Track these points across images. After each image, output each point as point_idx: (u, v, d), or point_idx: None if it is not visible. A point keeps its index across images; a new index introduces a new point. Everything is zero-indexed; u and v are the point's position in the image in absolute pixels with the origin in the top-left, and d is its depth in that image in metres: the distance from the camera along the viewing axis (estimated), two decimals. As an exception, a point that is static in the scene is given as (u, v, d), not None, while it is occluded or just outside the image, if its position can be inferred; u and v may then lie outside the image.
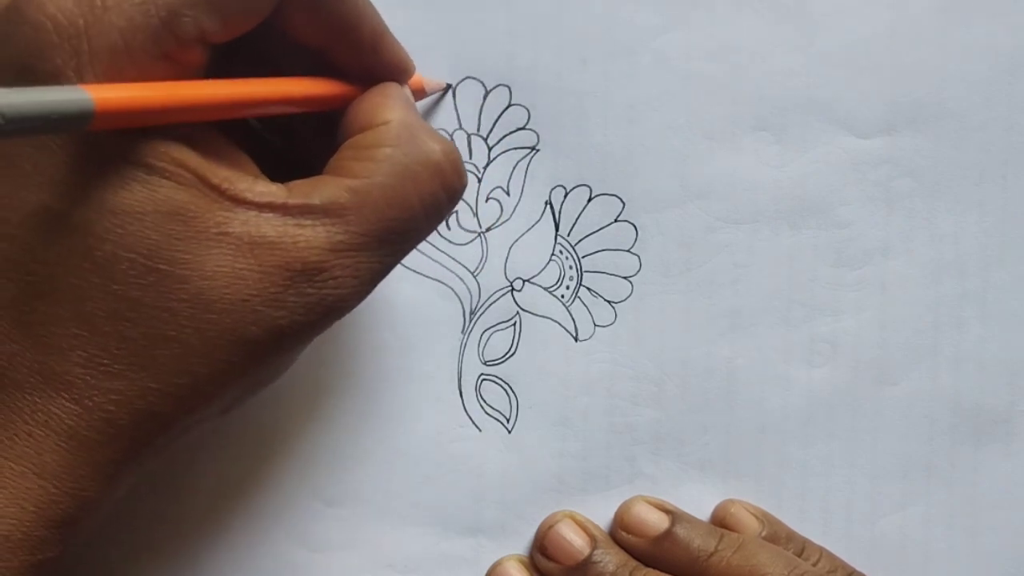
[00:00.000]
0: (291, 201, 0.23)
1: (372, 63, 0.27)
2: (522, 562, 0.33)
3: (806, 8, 0.33)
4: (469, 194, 0.33)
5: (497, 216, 0.34)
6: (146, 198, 0.22)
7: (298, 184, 0.24)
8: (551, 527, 0.33)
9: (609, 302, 0.34)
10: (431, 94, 0.32)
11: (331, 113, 0.27)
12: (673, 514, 0.33)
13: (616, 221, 0.34)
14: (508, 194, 0.33)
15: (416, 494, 0.33)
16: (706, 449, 0.34)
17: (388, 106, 0.26)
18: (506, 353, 0.34)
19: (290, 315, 0.23)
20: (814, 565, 0.33)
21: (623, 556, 0.33)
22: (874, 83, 0.34)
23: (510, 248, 0.34)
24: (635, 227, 0.34)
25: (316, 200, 0.23)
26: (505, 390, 0.34)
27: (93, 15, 0.21)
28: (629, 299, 0.34)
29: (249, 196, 0.23)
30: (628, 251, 0.34)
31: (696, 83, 0.33)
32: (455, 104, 0.33)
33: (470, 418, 0.34)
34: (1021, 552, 0.35)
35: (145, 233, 0.22)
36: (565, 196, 0.34)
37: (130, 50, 0.21)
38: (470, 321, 0.34)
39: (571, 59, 0.33)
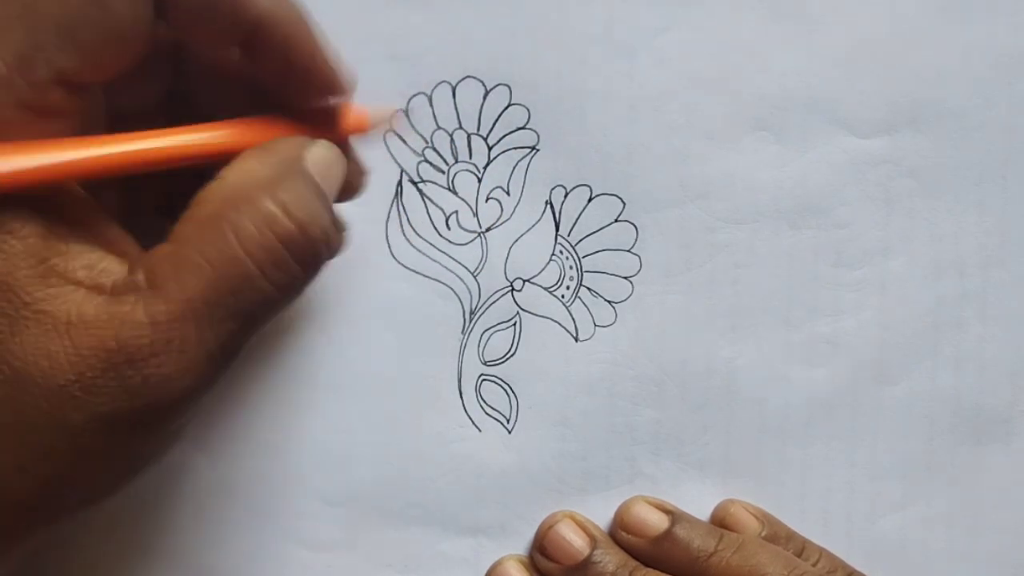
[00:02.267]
0: (119, 278, 0.21)
1: (285, 79, 0.24)
2: (522, 562, 0.33)
3: (806, 8, 0.33)
4: (469, 194, 0.33)
5: (497, 216, 0.34)
6: None
7: (136, 258, 0.22)
8: (551, 527, 0.33)
9: (609, 302, 0.34)
10: (383, 123, 0.28)
11: None
12: (673, 514, 0.33)
13: (616, 221, 0.34)
14: (508, 194, 0.33)
15: (416, 494, 0.33)
16: (706, 449, 0.34)
17: (242, 159, 0.23)
18: (506, 353, 0.34)
19: (111, 401, 0.21)
20: (814, 565, 0.33)
21: (623, 556, 0.33)
22: (874, 83, 0.34)
23: (510, 248, 0.34)
24: (635, 227, 0.34)
25: (140, 276, 0.21)
26: (505, 390, 0.34)
27: None
28: (629, 299, 0.34)
29: (81, 274, 0.21)
30: (628, 251, 0.34)
31: (696, 83, 0.33)
32: (455, 103, 0.33)
33: (470, 418, 0.34)
34: (1021, 552, 0.35)
35: None
36: (565, 196, 0.34)
37: None
38: (470, 321, 0.34)
39: (571, 59, 0.33)
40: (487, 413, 0.34)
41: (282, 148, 0.24)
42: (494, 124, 0.33)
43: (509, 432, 0.34)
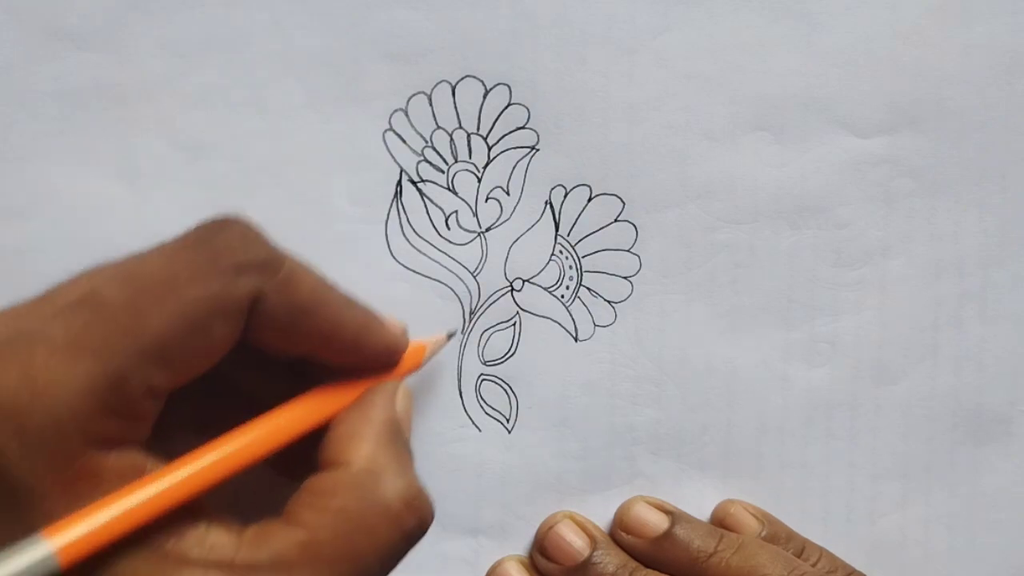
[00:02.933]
0: (238, 559, 0.22)
1: (356, 359, 0.26)
2: (522, 562, 0.33)
3: (806, 8, 0.33)
4: (469, 194, 0.33)
5: (497, 216, 0.34)
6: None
7: (250, 532, 0.23)
8: (551, 528, 0.33)
9: (609, 302, 0.34)
10: (435, 353, 0.31)
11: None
12: (673, 514, 0.33)
13: (616, 221, 0.34)
14: (508, 194, 0.33)
15: (416, 494, 0.33)
16: (706, 449, 0.34)
17: (355, 443, 0.25)
18: (506, 353, 0.34)
19: None
20: (814, 565, 0.33)
21: (623, 557, 0.33)
22: (874, 83, 0.34)
23: (510, 248, 0.34)
24: (635, 227, 0.34)
25: (264, 556, 0.22)
26: (505, 390, 0.34)
27: (35, 388, 0.21)
28: (629, 299, 0.34)
29: (196, 554, 0.22)
30: (628, 251, 0.34)
31: (696, 83, 0.33)
32: (455, 103, 0.33)
33: (470, 418, 0.34)
34: (1021, 552, 0.35)
35: None
36: (565, 196, 0.34)
37: (75, 418, 0.21)
38: (470, 321, 0.34)
39: (571, 59, 0.33)
40: (487, 413, 0.34)
41: (378, 416, 0.26)
42: (494, 124, 0.33)
43: (509, 432, 0.34)
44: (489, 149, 0.33)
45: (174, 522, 0.22)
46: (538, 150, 0.33)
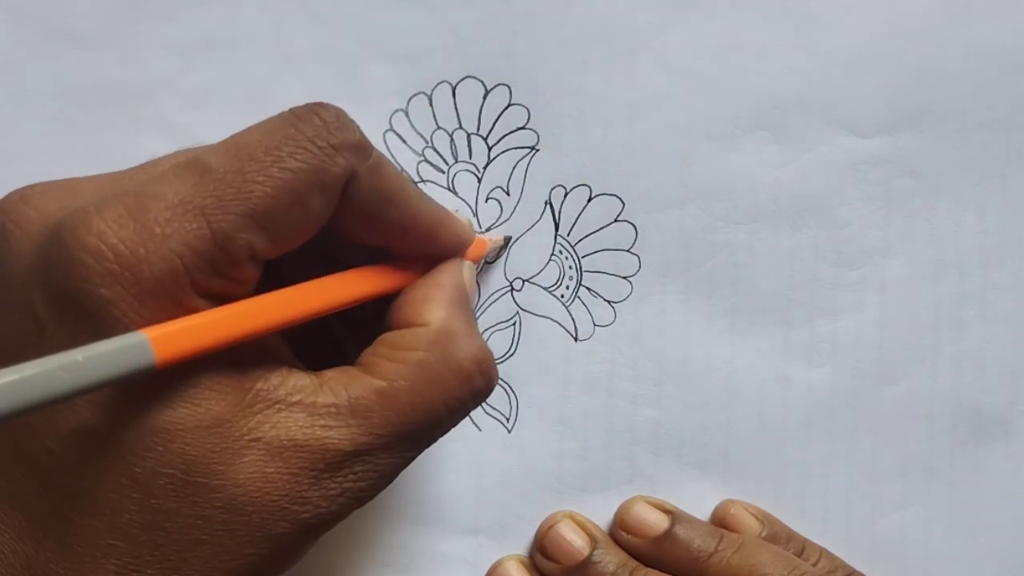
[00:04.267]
0: (320, 400, 0.24)
1: (430, 249, 0.28)
2: (522, 562, 0.33)
3: (807, 7, 0.33)
4: (469, 194, 0.33)
5: (497, 216, 0.34)
6: (187, 415, 0.22)
7: (329, 376, 0.24)
8: (551, 527, 0.33)
9: (609, 302, 0.34)
10: (492, 251, 0.33)
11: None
12: (673, 514, 0.33)
13: (616, 221, 0.34)
14: (508, 194, 0.33)
15: (416, 494, 0.33)
16: (706, 449, 0.34)
17: (431, 305, 0.26)
18: (506, 353, 0.34)
19: (315, 509, 0.24)
20: (814, 565, 0.33)
21: (623, 556, 0.33)
22: (874, 83, 0.34)
23: (510, 248, 0.34)
24: (635, 227, 0.34)
25: (343, 399, 0.24)
26: (505, 390, 0.34)
27: (152, 242, 0.21)
28: (629, 299, 0.34)
29: (281, 393, 0.23)
30: (628, 251, 0.34)
31: (696, 83, 0.33)
32: (455, 103, 0.33)
33: (470, 418, 0.34)
34: (1021, 552, 0.35)
35: (184, 449, 0.22)
36: (565, 196, 0.34)
37: (188, 272, 0.22)
38: (470, 321, 0.33)
39: (571, 59, 0.33)
40: (487, 413, 0.34)
41: (449, 283, 0.27)
42: (494, 124, 0.33)
43: (509, 432, 0.34)
44: (489, 149, 0.33)
45: (259, 365, 0.24)
46: (538, 150, 0.33)
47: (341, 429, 0.24)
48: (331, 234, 0.25)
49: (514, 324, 0.34)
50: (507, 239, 0.33)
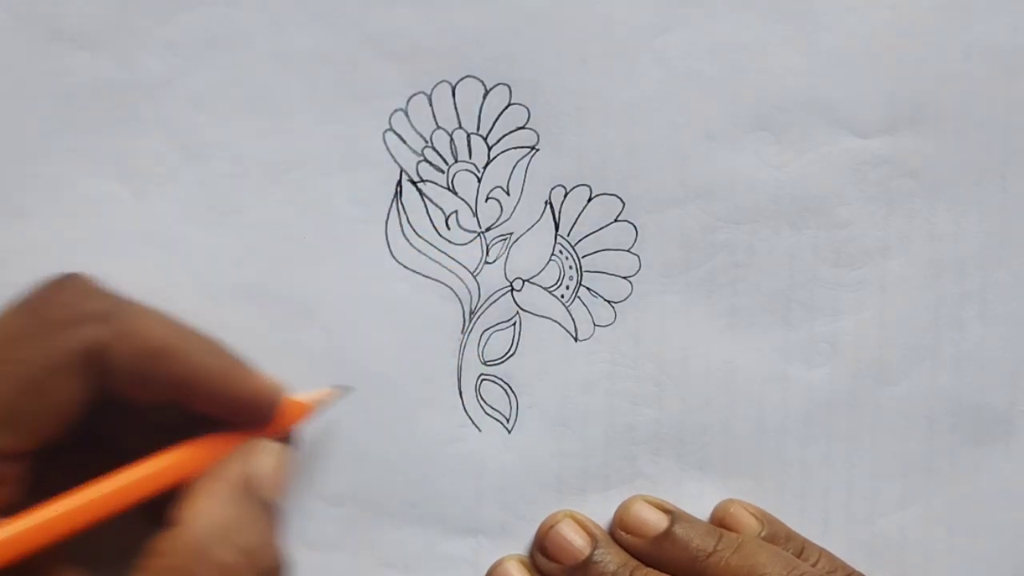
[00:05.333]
0: None
1: (223, 410, 0.26)
2: (522, 562, 0.33)
3: (806, 7, 0.33)
4: (469, 194, 0.33)
5: (497, 216, 0.34)
6: None
7: None
8: (551, 527, 0.33)
9: (609, 302, 0.34)
10: (321, 407, 0.31)
11: None
12: (672, 514, 0.33)
13: (616, 221, 0.34)
14: (508, 194, 0.33)
15: (416, 494, 0.33)
16: (706, 449, 0.34)
17: (193, 500, 0.24)
18: (506, 353, 0.34)
19: None
20: (813, 565, 0.33)
21: (624, 556, 0.33)
22: (874, 83, 0.34)
23: (510, 248, 0.34)
24: (635, 227, 0.34)
25: None
26: (505, 390, 0.34)
27: None
28: (629, 299, 0.34)
29: None
30: (628, 251, 0.34)
31: (696, 83, 0.33)
32: (455, 103, 0.33)
33: (470, 418, 0.34)
34: (1021, 552, 0.35)
35: None
36: (565, 196, 0.34)
37: None
38: (470, 321, 0.34)
39: (571, 59, 0.33)
40: (487, 413, 0.34)
41: (231, 474, 0.25)
42: (494, 124, 0.33)
43: (509, 432, 0.34)
44: (489, 149, 0.33)
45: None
46: (538, 150, 0.33)
47: None
48: (137, 400, 0.24)
49: (514, 324, 0.34)
50: (343, 389, 0.31)
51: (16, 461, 0.22)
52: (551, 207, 0.34)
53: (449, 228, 0.33)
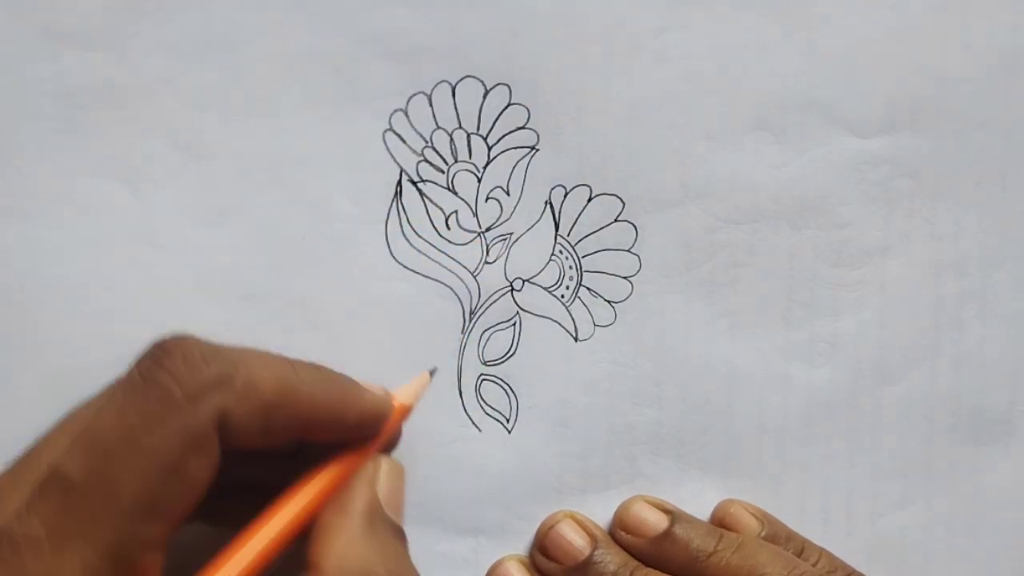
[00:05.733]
0: None
1: (345, 433, 0.26)
2: (522, 562, 0.33)
3: (807, 8, 0.33)
4: (469, 194, 0.33)
5: (497, 216, 0.34)
6: None
7: None
8: (552, 527, 0.33)
9: (609, 302, 0.34)
10: (421, 395, 0.31)
11: None
12: (673, 514, 0.33)
13: (616, 221, 0.34)
14: (508, 194, 0.33)
15: (416, 494, 0.33)
16: (706, 449, 0.34)
17: (328, 539, 0.24)
18: (506, 353, 0.34)
19: None
20: (814, 565, 0.33)
21: (624, 556, 0.33)
22: (874, 83, 0.34)
23: (510, 248, 0.34)
24: (635, 227, 0.34)
25: None
26: (505, 390, 0.34)
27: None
28: (629, 299, 0.34)
29: None
30: (628, 251, 0.34)
31: (696, 83, 0.33)
32: (455, 103, 0.33)
33: (470, 418, 0.34)
34: (1021, 552, 0.35)
35: None
36: (565, 196, 0.34)
37: None
38: (470, 321, 0.34)
39: (571, 59, 0.33)
40: (487, 413, 0.34)
41: (359, 505, 0.25)
42: (494, 124, 0.33)
43: (509, 432, 0.34)
44: (489, 149, 0.33)
45: None
46: (538, 150, 0.33)
47: None
48: (233, 461, 0.23)
49: (514, 324, 0.34)
50: (432, 372, 0.31)
51: (160, 548, 0.22)
52: (551, 207, 0.34)
53: (449, 228, 0.33)
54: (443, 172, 0.33)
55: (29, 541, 0.21)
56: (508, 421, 0.34)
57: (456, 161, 0.33)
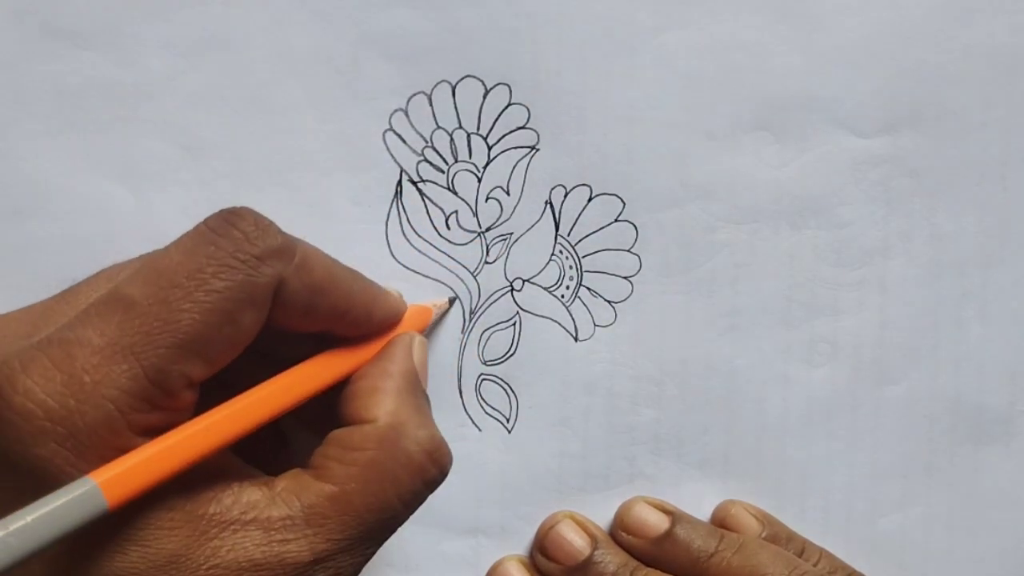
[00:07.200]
0: (274, 514, 0.24)
1: (366, 328, 0.28)
2: (522, 562, 0.33)
3: (806, 7, 0.33)
4: (469, 194, 0.33)
5: (497, 216, 0.34)
6: (140, 557, 0.22)
7: (281, 487, 0.24)
8: (552, 527, 0.33)
9: (609, 302, 0.34)
10: (437, 317, 0.33)
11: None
12: (673, 515, 0.33)
13: (616, 221, 0.34)
14: (508, 194, 0.33)
15: (416, 494, 0.33)
16: (706, 449, 0.34)
17: (379, 398, 0.26)
18: (506, 353, 0.34)
19: None
20: (814, 565, 0.33)
21: (624, 556, 0.33)
22: (874, 83, 0.34)
23: (510, 248, 0.34)
24: (635, 227, 0.34)
25: (297, 510, 0.24)
26: (505, 390, 0.34)
27: (83, 392, 0.21)
28: (629, 299, 0.34)
29: (235, 513, 0.23)
30: (628, 251, 0.34)
31: (696, 83, 0.33)
32: (455, 103, 0.33)
33: (470, 418, 0.34)
34: (1021, 552, 0.35)
35: None
36: (565, 196, 0.34)
37: (123, 414, 0.22)
38: (470, 321, 0.34)
39: (571, 59, 0.33)
40: (487, 413, 0.34)
41: (400, 369, 0.27)
42: (494, 124, 0.33)
43: (509, 432, 0.34)
44: (489, 149, 0.33)
45: (210, 486, 0.23)
46: (538, 150, 0.33)
47: (299, 541, 0.24)
48: (265, 331, 0.25)
49: (514, 324, 0.34)
50: (451, 300, 0.33)
51: (195, 389, 0.23)
52: (551, 207, 0.34)
53: (449, 228, 0.33)
54: (443, 172, 0.33)
55: (84, 344, 0.22)
56: (508, 421, 0.34)
57: (456, 161, 0.33)
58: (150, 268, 0.23)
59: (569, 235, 0.34)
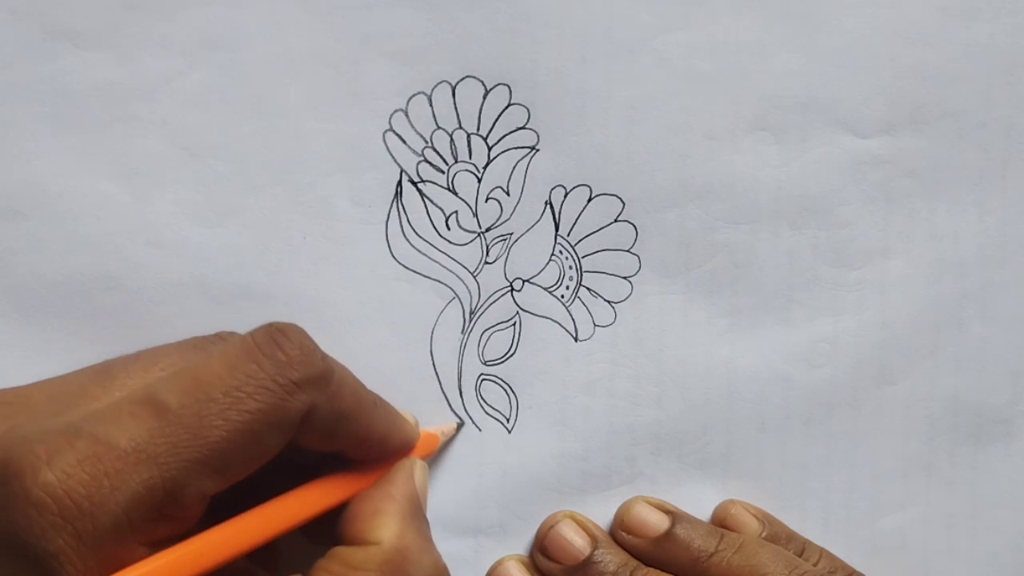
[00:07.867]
0: None
1: (380, 453, 0.28)
2: (523, 562, 0.33)
3: (806, 7, 0.33)
4: (469, 194, 0.33)
5: (497, 216, 0.34)
6: None
7: None
8: (552, 527, 0.33)
9: (609, 302, 0.34)
10: (445, 441, 0.33)
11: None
12: (673, 514, 0.33)
13: (616, 221, 0.34)
14: (508, 194, 0.33)
15: (416, 494, 0.33)
16: (706, 449, 0.34)
17: (383, 520, 0.27)
18: (506, 353, 0.34)
19: None
20: (814, 565, 0.33)
21: (624, 556, 0.33)
22: (874, 83, 0.34)
23: (510, 248, 0.34)
24: (635, 227, 0.34)
25: None
26: (505, 390, 0.34)
27: (100, 495, 0.22)
28: (629, 299, 0.34)
29: None
30: (628, 251, 0.34)
31: (696, 83, 0.33)
32: (455, 103, 0.33)
33: (470, 418, 0.34)
34: (1021, 552, 0.35)
35: None
36: (565, 196, 0.34)
37: (132, 523, 0.22)
38: (470, 321, 0.34)
39: (571, 59, 0.33)
40: (487, 413, 0.34)
41: (402, 493, 0.28)
42: (494, 124, 0.33)
43: (509, 432, 0.34)
44: (489, 149, 0.33)
45: None
46: (538, 150, 0.33)
47: None
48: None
49: (514, 324, 0.34)
50: (459, 426, 0.33)
51: (206, 502, 0.24)
52: (551, 207, 0.34)
53: (449, 228, 0.33)
54: (443, 172, 0.33)
55: (112, 447, 0.22)
56: (508, 421, 0.34)
57: (456, 161, 0.33)
58: (190, 377, 0.23)
59: (569, 235, 0.34)
